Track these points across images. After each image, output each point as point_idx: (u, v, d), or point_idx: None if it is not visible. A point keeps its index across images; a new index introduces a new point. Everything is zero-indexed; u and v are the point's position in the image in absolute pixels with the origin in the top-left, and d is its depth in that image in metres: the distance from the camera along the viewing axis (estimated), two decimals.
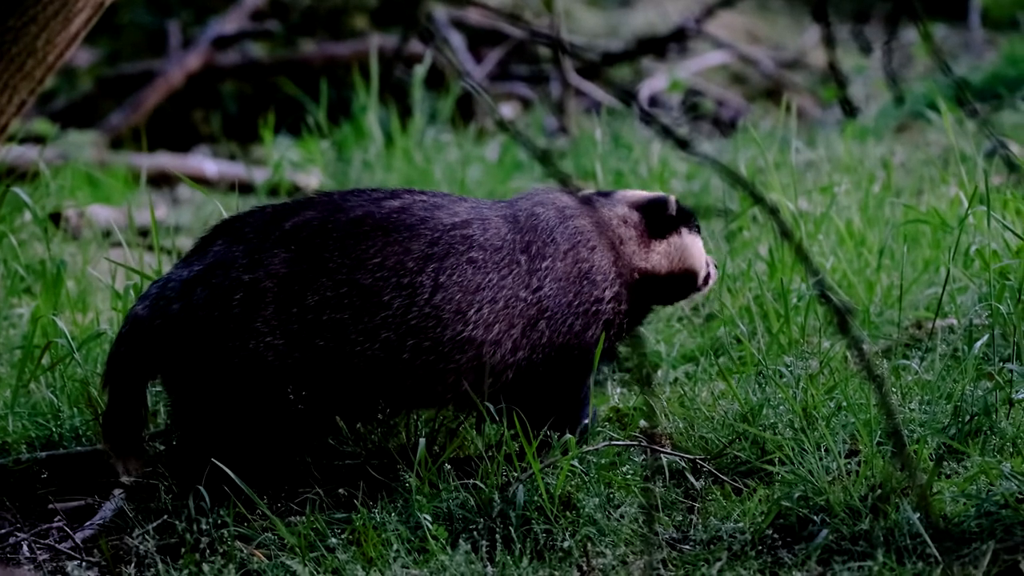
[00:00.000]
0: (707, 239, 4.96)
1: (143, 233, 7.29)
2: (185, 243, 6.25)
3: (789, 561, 3.91)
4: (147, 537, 4.17)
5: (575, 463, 4.25)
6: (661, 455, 4.37)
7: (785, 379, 4.65)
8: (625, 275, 4.53)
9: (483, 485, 4.17)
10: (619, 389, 5.11)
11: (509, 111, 11.23)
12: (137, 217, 7.46)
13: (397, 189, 4.48)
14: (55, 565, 4.20)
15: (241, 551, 4.06)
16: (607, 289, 4.46)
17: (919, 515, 3.87)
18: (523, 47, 11.84)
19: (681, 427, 4.56)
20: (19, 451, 4.70)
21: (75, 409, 4.82)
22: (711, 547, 4.02)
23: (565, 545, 4.01)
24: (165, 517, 4.25)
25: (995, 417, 4.37)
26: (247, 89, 11.64)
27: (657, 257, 4.61)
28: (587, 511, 4.10)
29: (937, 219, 5.62)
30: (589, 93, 11.03)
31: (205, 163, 9.73)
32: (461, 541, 4.02)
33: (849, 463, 4.21)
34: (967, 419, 4.36)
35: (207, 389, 4.22)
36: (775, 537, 4.00)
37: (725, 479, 4.32)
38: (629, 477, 4.27)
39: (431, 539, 4.03)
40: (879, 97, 10.70)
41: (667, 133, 3.21)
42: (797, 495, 4.07)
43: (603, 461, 4.30)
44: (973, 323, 5.01)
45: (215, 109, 11.62)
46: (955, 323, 5.17)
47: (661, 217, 4.63)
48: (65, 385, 4.90)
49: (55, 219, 7.03)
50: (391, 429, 4.56)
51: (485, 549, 4.03)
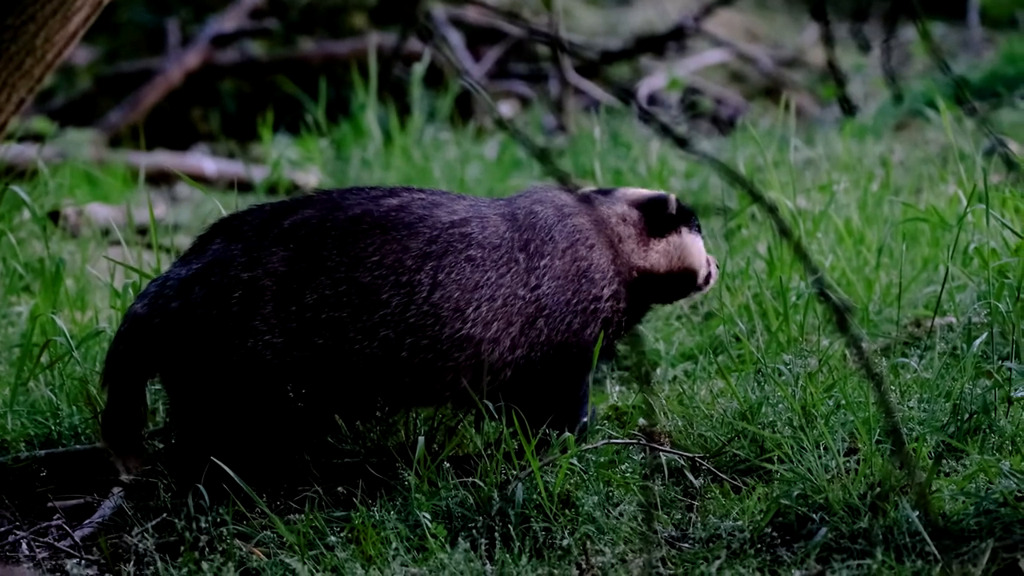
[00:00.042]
0: (706, 237, 4.95)
1: (142, 231, 7.29)
2: (184, 241, 6.25)
3: (788, 559, 3.90)
4: (146, 535, 4.16)
5: (574, 461, 4.25)
6: (660, 453, 4.37)
7: (784, 377, 4.65)
8: (624, 273, 4.52)
9: (482, 483, 4.17)
10: (618, 387, 5.11)
11: (508, 109, 11.23)
12: (136, 215, 7.45)
13: (396, 187, 4.48)
14: (54, 563, 4.20)
15: (240, 549, 4.06)
16: (605, 287, 4.46)
17: (918, 513, 3.87)
18: (522, 45, 11.84)
19: (680, 425, 4.56)
20: (18, 449, 4.70)
21: (74, 407, 4.82)
22: (710, 545, 4.01)
23: (564, 543, 4.01)
24: (164, 515, 4.25)
25: (994, 415, 4.36)
26: (246, 87, 11.64)
27: (656, 256, 4.60)
28: (586, 509, 4.10)
29: (936, 217, 5.62)
30: (588, 91, 11.03)
31: (204, 161, 9.72)
32: (460, 539, 4.01)
33: (848, 461, 4.21)
34: (966, 417, 4.36)
35: (206, 387, 4.21)
36: (774, 535, 3.99)
37: (724, 477, 4.32)
38: (628, 475, 4.27)
39: (430, 537, 4.03)
40: (878, 95, 10.70)
41: (666, 131, 3.21)
42: (796, 493, 4.06)
43: (602, 459, 4.30)
44: (972, 321, 5.01)
45: (214, 107, 11.61)
46: (954, 321, 5.17)
47: (661, 215, 4.62)
48: (64, 383, 4.90)
49: (54, 217, 7.03)
50: (390, 427, 4.55)
51: (484, 547, 4.03)
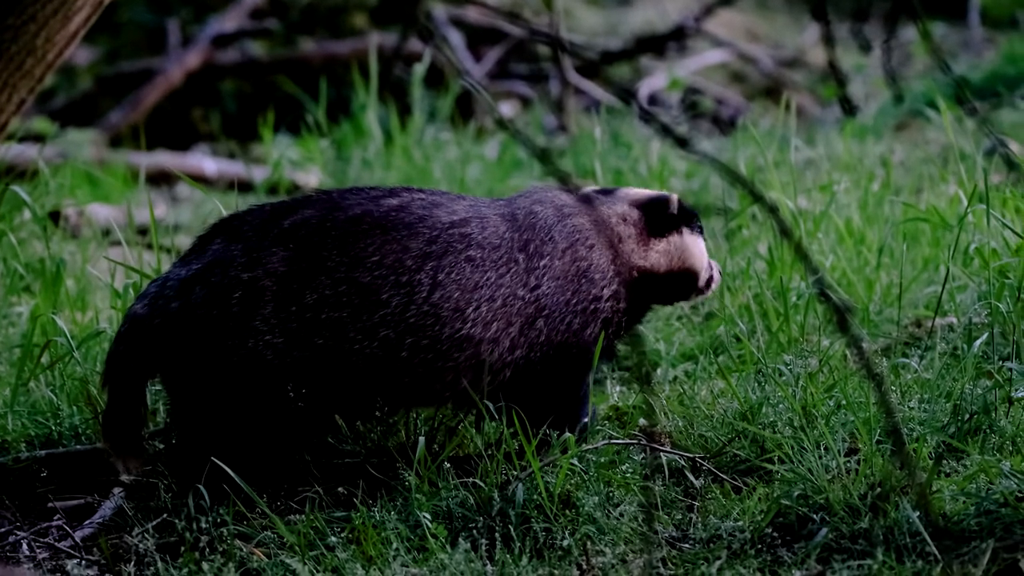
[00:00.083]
0: (707, 238, 4.95)
1: (142, 231, 7.29)
2: (184, 241, 6.25)
3: (788, 559, 3.90)
4: (147, 536, 4.16)
5: (574, 461, 4.25)
6: (660, 453, 4.37)
7: (784, 377, 4.65)
8: (624, 273, 4.52)
9: (482, 483, 4.17)
10: (618, 387, 5.11)
11: (508, 109, 11.23)
12: (136, 215, 7.45)
13: (396, 187, 4.47)
14: (55, 564, 4.19)
15: (241, 549, 4.06)
16: (605, 287, 4.46)
17: (918, 513, 3.86)
18: (522, 45, 11.84)
19: (680, 425, 4.56)
20: (18, 450, 4.70)
21: (74, 408, 4.82)
22: (711, 546, 4.01)
23: (564, 544, 4.01)
24: (165, 516, 4.25)
25: (994, 415, 4.36)
26: (246, 87, 11.64)
27: (656, 256, 4.60)
28: (586, 509, 4.10)
29: (936, 217, 5.62)
30: (588, 91, 11.03)
31: (204, 161, 9.72)
32: (460, 539, 4.01)
33: (848, 461, 4.21)
34: (966, 417, 4.35)
35: (206, 388, 4.21)
36: (775, 535, 3.99)
37: (725, 477, 4.31)
38: (628, 476, 4.27)
39: (430, 537, 4.03)
40: (878, 95, 10.70)
41: (666, 131, 3.21)
42: (796, 493, 4.06)
43: (602, 459, 4.30)
44: (972, 321, 5.01)
45: (214, 107, 11.61)
46: (954, 321, 5.17)
47: (662, 216, 4.62)
48: (64, 384, 4.90)
49: (54, 217, 7.03)
50: (390, 428, 4.55)
51: (484, 548, 4.03)
